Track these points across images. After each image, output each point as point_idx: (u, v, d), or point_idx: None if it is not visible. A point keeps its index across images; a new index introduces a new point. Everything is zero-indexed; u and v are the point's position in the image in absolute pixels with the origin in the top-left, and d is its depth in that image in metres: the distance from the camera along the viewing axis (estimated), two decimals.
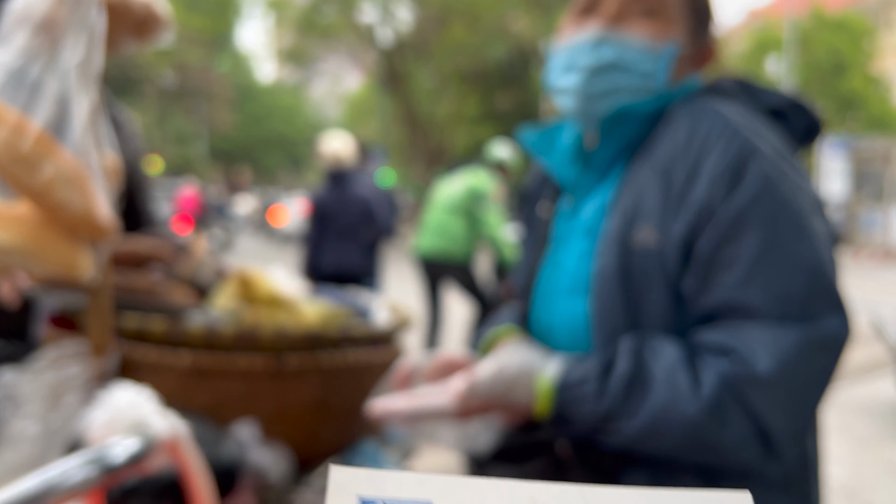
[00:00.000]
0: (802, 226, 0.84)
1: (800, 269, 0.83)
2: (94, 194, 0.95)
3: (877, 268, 13.47)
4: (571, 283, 0.99)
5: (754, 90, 1.00)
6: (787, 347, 0.81)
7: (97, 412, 0.54)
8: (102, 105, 1.00)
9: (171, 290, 1.24)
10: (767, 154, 0.87)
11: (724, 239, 0.85)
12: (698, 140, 0.89)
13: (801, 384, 0.82)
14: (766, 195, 0.85)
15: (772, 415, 0.81)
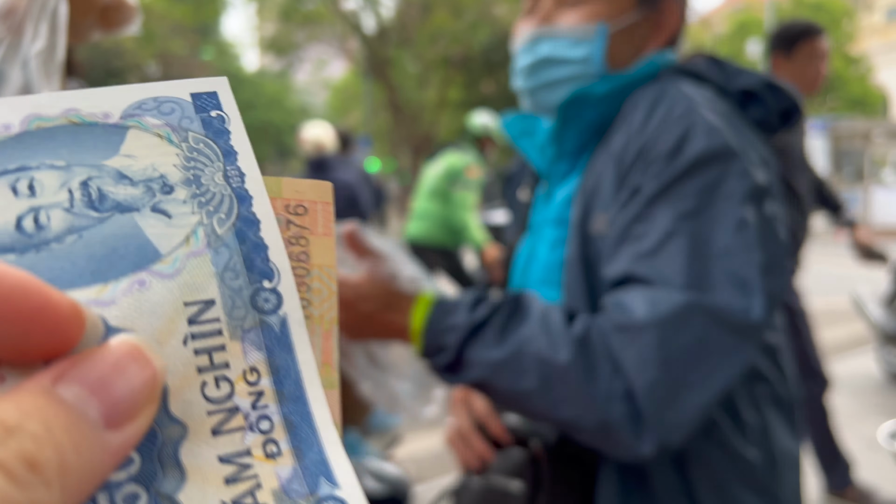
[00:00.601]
0: (725, 209, 0.80)
1: (706, 252, 0.79)
2: None
3: None
4: (544, 274, 1.00)
5: (726, 70, 0.97)
6: (668, 303, 0.76)
7: None
8: None
9: None
10: (715, 133, 0.83)
11: (639, 214, 0.82)
12: (653, 123, 0.86)
13: (676, 346, 0.75)
14: (694, 174, 0.81)
15: (637, 369, 0.75)
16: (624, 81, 0.97)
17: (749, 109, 0.95)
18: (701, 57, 1.00)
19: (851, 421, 4.23)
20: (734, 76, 0.96)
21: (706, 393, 0.76)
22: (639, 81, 0.97)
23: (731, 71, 0.97)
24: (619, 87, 0.97)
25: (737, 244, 0.79)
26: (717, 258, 0.79)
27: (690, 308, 0.76)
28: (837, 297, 7.41)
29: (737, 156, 0.83)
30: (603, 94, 0.96)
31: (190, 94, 0.25)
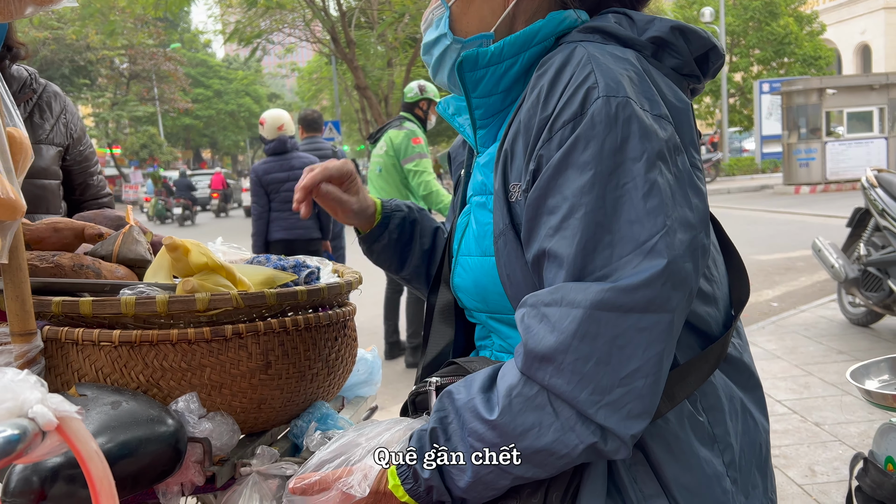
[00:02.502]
0: (632, 173, 0.79)
1: (611, 219, 0.78)
2: None
3: (816, 200, 13.97)
4: (476, 243, 1.02)
5: (636, 22, 0.95)
6: (569, 320, 0.77)
7: None
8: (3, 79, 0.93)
9: (101, 268, 1.18)
10: (614, 95, 0.81)
11: (548, 187, 0.83)
12: (558, 90, 0.85)
13: (596, 354, 0.76)
14: (594, 140, 0.80)
15: (574, 391, 0.77)
16: (519, 38, 0.97)
17: (663, 59, 0.94)
18: (610, 12, 0.98)
19: (817, 366, 4.35)
20: (644, 26, 0.94)
21: (647, 374, 0.77)
22: (537, 37, 0.97)
23: (641, 21, 0.95)
24: (515, 44, 0.97)
25: (644, 211, 0.78)
26: (620, 230, 0.78)
27: (591, 315, 0.77)
28: (803, 250, 7.56)
29: (640, 113, 0.82)
30: (495, 51, 0.97)
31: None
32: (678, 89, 0.91)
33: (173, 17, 15.02)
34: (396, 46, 16.18)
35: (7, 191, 0.87)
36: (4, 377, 0.51)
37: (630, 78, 0.85)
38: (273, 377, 1.11)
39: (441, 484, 0.84)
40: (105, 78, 31.78)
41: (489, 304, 1.03)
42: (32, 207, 1.62)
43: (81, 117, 1.85)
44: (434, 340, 1.15)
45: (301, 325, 1.15)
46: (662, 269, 0.77)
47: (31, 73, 1.72)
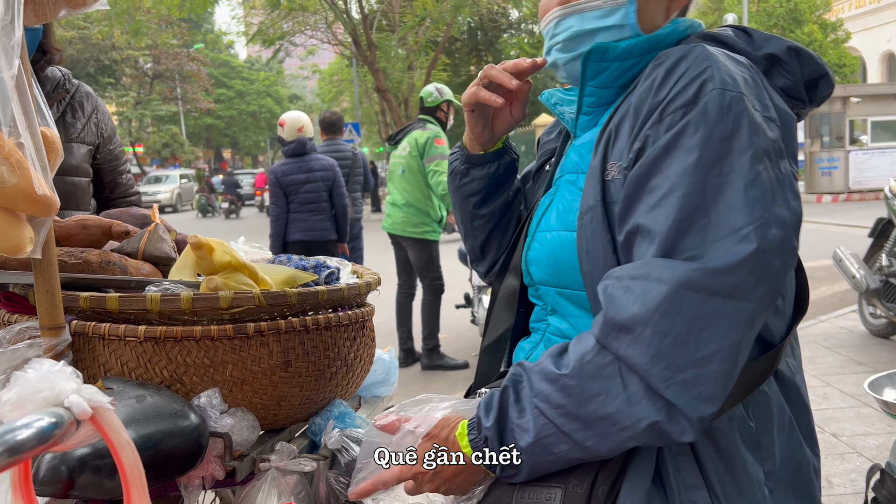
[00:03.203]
0: (733, 163, 0.81)
1: (710, 204, 0.80)
2: (27, 168, 0.91)
3: (838, 210, 13.83)
4: (559, 219, 1.04)
5: (754, 38, 0.98)
6: (656, 293, 0.78)
7: (8, 391, 0.52)
8: (30, 74, 0.96)
9: (127, 264, 1.21)
10: (730, 89, 0.84)
11: (652, 166, 0.85)
12: (673, 78, 0.88)
13: (676, 331, 0.77)
14: (704, 126, 0.82)
15: (648, 364, 0.78)
16: (649, 40, 0.99)
17: (774, 77, 0.96)
18: (729, 26, 1.02)
19: (836, 376, 4.30)
20: (762, 43, 0.98)
21: (723, 360, 0.78)
22: (664, 42, 0.99)
23: (759, 38, 0.99)
24: (644, 45, 0.99)
25: (743, 200, 0.80)
26: (717, 214, 0.80)
27: (675, 293, 0.78)
28: (823, 260, 7.50)
29: (752, 111, 0.84)
30: (626, 48, 0.98)
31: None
32: (785, 101, 0.93)
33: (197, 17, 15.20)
34: (417, 50, 16.24)
35: (43, 188, 0.89)
36: (42, 368, 0.54)
37: (745, 79, 0.87)
38: (293, 375, 1.13)
39: (496, 436, 0.86)
40: (129, 77, 32.18)
41: (560, 278, 1.04)
42: (63, 204, 1.66)
43: (111, 117, 1.89)
44: (494, 324, 1.17)
45: (321, 325, 1.16)
46: (751, 255, 0.78)
47: (65, 74, 1.77)
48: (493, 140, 1.23)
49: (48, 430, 0.49)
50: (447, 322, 5.65)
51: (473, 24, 22.03)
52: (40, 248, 0.97)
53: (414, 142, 4.76)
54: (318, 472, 1.13)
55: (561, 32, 1.03)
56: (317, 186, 4.86)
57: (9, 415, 0.51)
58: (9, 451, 0.46)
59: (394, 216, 4.92)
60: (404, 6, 15.61)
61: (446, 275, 5.12)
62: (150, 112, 32.47)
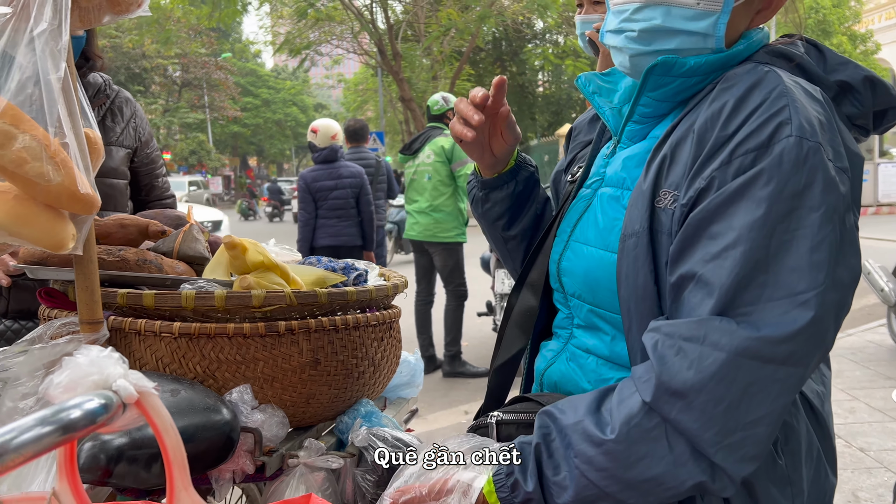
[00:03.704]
0: (806, 223, 0.78)
1: (772, 261, 0.77)
2: (72, 167, 0.95)
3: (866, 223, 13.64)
4: (598, 236, 1.00)
5: (827, 59, 0.93)
6: (711, 360, 0.76)
7: (60, 374, 0.55)
8: (76, 77, 1.00)
9: (163, 263, 1.24)
10: (808, 138, 0.79)
11: (716, 211, 0.81)
12: (745, 111, 0.83)
13: (729, 398, 0.76)
14: (778, 179, 0.78)
15: (699, 430, 0.77)
16: (720, 59, 0.93)
17: (843, 104, 0.92)
18: (801, 40, 0.96)
19: (863, 390, 4.24)
20: (835, 66, 0.93)
21: (769, 423, 0.78)
22: (734, 61, 0.94)
23: (833, 61, 0.93)
24: (713, 64, 0.93)
25: (808, 262, 0.77)
26: (778, 273, 0.77)
27: (732, 361, 0.76)
28: None
29: (827, 163, 0.80)
30: (694, 66, 0.93)
31: None
32: (854, 140, 0.89)
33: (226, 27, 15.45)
34: (442, 60, 16.32)
35: (86, 187, 0.93)
36: (91, 353, 0.56)
37: (821, 122, 0.82)
38: (322, 373, 1.15)
39: (541, 498, 0.84)
40: (158, 85, 32.71)
41: (596, 297, 1.01)
42: (102, 205, 1.71)
43: (149, 122, 1.95)
44: (506, 344, 1.15)
45: (350, 324, 1.19)
46: (808, 323, 0.76)
47: (106, 80, 1.82)
48: (501, 162, 1.20)
49: (98, 412, 0.52)
50: (469, 330, 5.66)
51: (498, 35, 22.09)
52: (81, 245, 1.00)
53: (439, 148, 4.81)
54: (344, 470, 1.14)
55: (640, 21, 0.93)
56: (345, 193, 4.93)
57: (60, 396, 0.54)
58: (62, 429, 0.48)
59: (422, 222, 4.94)
60: (430, 17, 15.71)
61: (468, 282, 5.14)
62: (178, 119, 32.95)
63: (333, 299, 1.16)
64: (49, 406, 0.51)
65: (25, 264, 1.18)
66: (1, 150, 0.88)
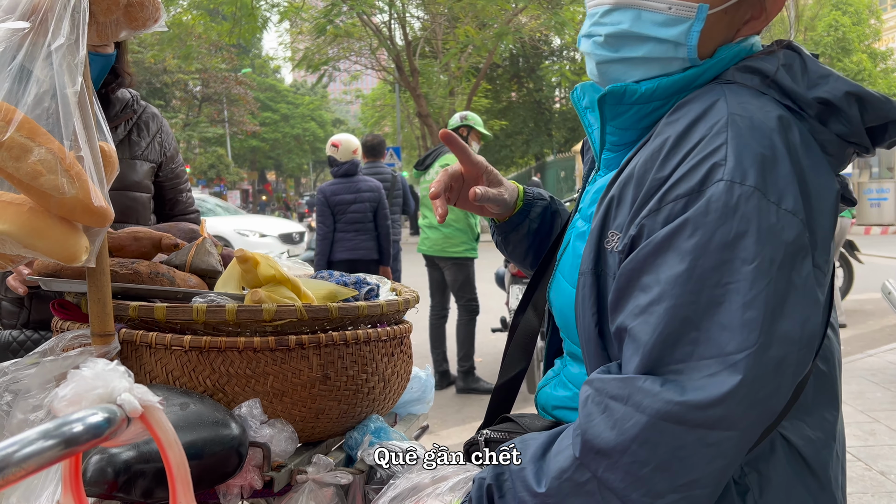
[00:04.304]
0: (734, 273, 0.72)
1: (702, 317, 0.72)
2: (86, 180, 0.95)
3: (887, 242, 13.47)
4: (570, 269, 1.00)
5: (809, 73, 0.83)
6: (632, 423, 0.73)
7: (65, 387, 0.55)
8: (92, 91, 1.01)
9: (175, 276, 1.25)
10: (740, 182, 0.73)
11: (644, 262, 0.77)
12: (682, 150, 0.78)
13: (654, 462, 0.72)
14: (703, 229, 0.73)
15: (626, 490, 0.73)
16: (676, 82, 0.87)
17: (830, 122, 0.82)
18: (781, 49, 0.86)
19: (884, 412, 4.17)
20: (816, 80, 0.82)
21: (707, 485, 0.73)
22: (694, 83, 0.88)
23: (814, 73, 0.83)
24: (669, 88, 0.88)
25: (739, 320, 0.71)
26: (708, 330, 0.72)
27: (654, 424, 0.72)
28: (872, 293, 7.31)
29: (765, 209, 0.73)
30: (646, 93, 0.88)
31: None
32: (829, 168, 0.80)
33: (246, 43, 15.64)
34: (459, 76, 16.41)
35: (100, 199, 0.93)
36: (97, 366, 0.56)
37: (765, 158, 0.75)
38: (331, 388, 1.15)
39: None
40: (179, 100, 33.14)
41: (569, 332, 1.00)
42: (123, 218, 1.73)
43: (175, 138, 1.97)
44: (508, 364, 1.15)
45: (360, 339, 1.18)
46: (737, 386, 0.70)
47: (134, 96, 1.85)
48: (509, 207, 1.19)
49: (101, 425, 0.51)
50: (483, 346, 5.64)
51: (515, 51, 22.19)
52: (94, 257, 1.01)
53: (446, 164, 4.83)
54: (354, 486, 1.14)
55: (608, 24, 0.88)
56: (364, 207, 4.96)
57: (64, 409, 0.53)
58: (65, 443, 0.48)
59: (432, 237, 4.96)
60: (447, 33, 15.82)
61: (482, 298, 5.13)
62: (197, 134, 33.34)
63: (344, 314, 1.16)
64: (53, 419, 0.51)
65: (39, 276, 1.19)
66: (17, 163, 0.89)
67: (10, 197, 0.95)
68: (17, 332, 1.64)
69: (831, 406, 0.90)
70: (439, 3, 13.73)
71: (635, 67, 0.89)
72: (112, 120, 1.76)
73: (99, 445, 0.54)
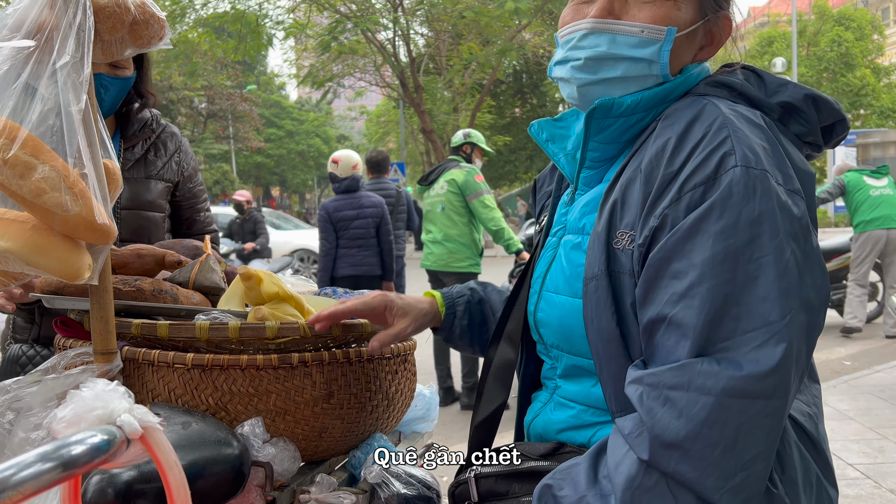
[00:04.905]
0: (764, 247, 0.77)
1: (741, 293, 0.76)
2: (90, 197, 0.95)
3: None
4: (566, 283, 1.01)
5: (767, 83, 0.95)
6: (699, 406, 0.75)
7: (64, 408, 0.54)
8: (97, 109, 1.01)
9: (178, 293, 1.24)
10: (753, 167, 0.80)
11: (674, 249, 0.80)
12: (687, 147, 0.84)
13: (725, 441, 0.74)
14: (730, 211, 0.78)
15: (701, 478, 0.75)
16: (657, 94, 0.95)
17: (789, 124, 0.93)
18: (741, 67, 0.98)
19: (894, 429, 4.12)
20: (775, 89, 0.94)
21: (766, 458, 0.77)
22: (672, 94, 0.96)
23: (772, 84, 0.95)
24: (651, 100, 0.95)
25: (777, 290, 0.76)
26: (749, 304, 0.76)
27: (721, 403, 0.74)
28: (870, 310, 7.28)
29: (777, 188, 0.80)
30: (632, 104, 0.95)
31: None
32: (804, 158, 0.90)
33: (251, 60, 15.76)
34: (463, 92, 16.48)
35: (103, 217, 0.93)
36: (96, 387, 0.55)
37: (765, 148, 0.83)
38: (335, 406, 1.14)
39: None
40: (184, 116, 33.35)
41: (573, 346, 1.01)
42: (136, 237, 1.73)
43: (195, 157, 1.97)
44: (487, 399, 1.14)
45: (364, 357, 1.17)
46: (786, 353, 0.75)
47: (154, 115, 1.86)
48: (430, 318, 1.23)
49: (101, 447, 0.51)
50: None
51: (519, 67, 22.30)
52: (97, 275, 1.00)
53: (452, 180, 4.86)
54: None
55: (586, 48, 0.95)
56: (366, 223, 4.97)
57: (63, 431, 0.53)
58: (63, 466, 0.47)
59: (436, 252, 4.96)
60: (451, 50, 15.92)
61: None
62: (202, 150, 33.49)
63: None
64: (52, 441, 0.50)
65: (42, 293, 1.19)
66: (20, 181, 0.89)
67: (14, 214, 0.95)
68: (27, 346, 1.64)
69: (815, 381, 0.99)
70: (443, 21, 13.81)
71: (614, 86, 0.96)
72: (130, 139, 1.77)
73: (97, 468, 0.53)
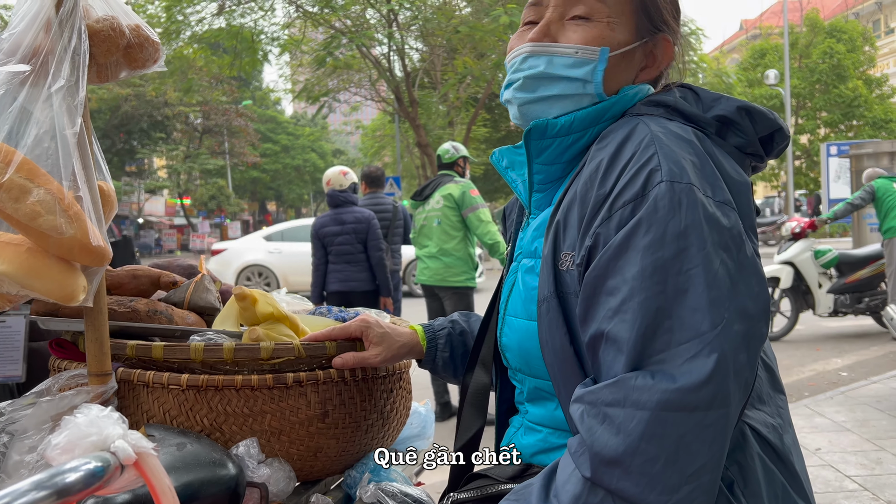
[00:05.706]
0: (692, 259, 0.78)
1: (672, 305, 0.77)
2: (84, 220, 0.96)
3: None
4: (524, 306, 1.02)
5: (702, 99, 0.97)
6: (636, 421, 0.75)
7: (58, 435, 0.54)
8: (91, 132, 1.01)
9: (173, 314, 1.25)
10: (678, 181, 0.82)
11: (607, 267, 0.82)
12: (618, 166, 0.86)
13: (665, 455, 0.74)
14: (657, 225, 0.80)
15: (643, 494, 0.74)
16: (590, 114, 0.98)
17: (727, 137, 0.95)
18: (676, 86, 1.00)
19: (889, 440, 4.12)
20: (710, 103, 0.96)
21: (712, 469, 0.76)
22: (607, 114, 0.99)
23: (707, 99, 0.97)
24: (585, 120, 0.98)
25: (707, 300, 0.77)
26: (681, 316, 0.77)
27: (657, 416, 0.74)
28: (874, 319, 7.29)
29: (703, 200, 0.81)
30: (565, 124, 0.98)
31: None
32: (739, 167, 0.91)
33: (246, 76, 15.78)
34: (458, 106, 16.55)
35: (98, 239, 0.93)
36: (90, 413, 0.56)
37: (692, 162, 0.85)
38: (330, 426, 1.14)
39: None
40: (180, 132, 33.41)
41: (532, 369, 1.02)
42: None
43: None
44: (465, 425, 1.15)
45: (359, 376, 1.17)
46: (718, 363, 0.75)
47: None
48: (417, 344, 1.25)
49: (95, 474, 0.51)
50: None
51: None
52: (92, 297, 1.01)
53: (448, 195, 4.87)
54: None
55: (525, 70, 1.00)
56: (349, 238, 5.00)
57: (58, 458, 0.53)
58: (58, 493, 0.47)
59: (432, 267, 4.96)
60: (446, 65, 16.00)
61: None
62: (198, 165, 33.52)
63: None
64: (47, 468, 0.51)
65: (37, 315, 1.19)
66: (16, 204, 0.89)
67: (9, 237, 0.95)
68: None
69: (779, 392, 0.99)
70: (438, 35, 13.89)
71: (552, 105, 1.00)
72: None
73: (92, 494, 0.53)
